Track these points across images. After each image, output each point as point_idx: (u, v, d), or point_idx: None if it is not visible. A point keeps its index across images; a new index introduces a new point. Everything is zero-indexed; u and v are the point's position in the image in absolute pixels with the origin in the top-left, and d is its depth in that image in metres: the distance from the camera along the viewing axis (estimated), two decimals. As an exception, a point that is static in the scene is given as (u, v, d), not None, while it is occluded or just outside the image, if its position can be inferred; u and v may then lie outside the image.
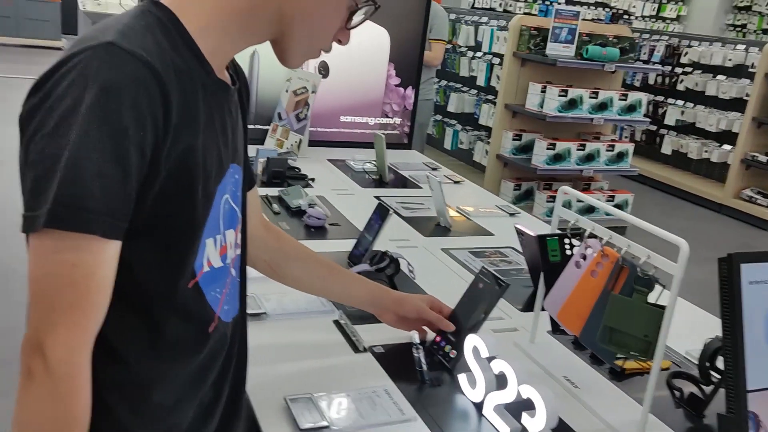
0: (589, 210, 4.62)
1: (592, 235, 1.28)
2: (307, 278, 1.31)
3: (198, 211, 0.86)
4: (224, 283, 0.96)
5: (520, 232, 1.73)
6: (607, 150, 5.33)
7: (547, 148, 5.10)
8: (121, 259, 0.78)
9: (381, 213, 1.80)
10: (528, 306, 1.69)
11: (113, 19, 0.83)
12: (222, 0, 0.88)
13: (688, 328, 1.55)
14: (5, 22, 10.69)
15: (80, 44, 0.77)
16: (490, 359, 1.22)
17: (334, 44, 0.97)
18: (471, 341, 1.25)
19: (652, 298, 1.17)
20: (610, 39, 5.28)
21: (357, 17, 0.96)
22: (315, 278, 1.31)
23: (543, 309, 1.42)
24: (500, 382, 1.19)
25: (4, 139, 5.67)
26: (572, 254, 1.33)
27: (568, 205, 1.43)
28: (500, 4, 12.22)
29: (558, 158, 5.17)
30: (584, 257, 1.29)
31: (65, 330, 0.74)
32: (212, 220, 0.89)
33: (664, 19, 13.22)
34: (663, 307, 1.13)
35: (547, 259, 1.39)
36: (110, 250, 0.76)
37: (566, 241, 1.37)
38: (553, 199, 5.25)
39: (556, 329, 1.42)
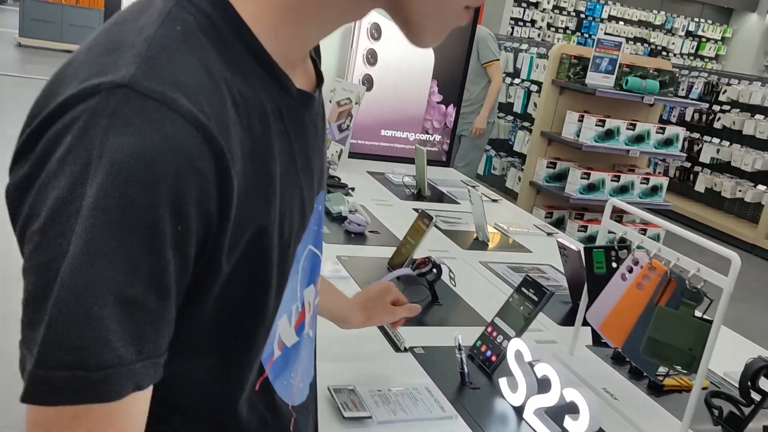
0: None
1: (639, 248, 1.30)
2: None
3: (270, 304, 0.61)
4: (298, 357, 0.72)
5: (562, 246, 1.75)
6: (642, 183, 5.32)
7: (582, 178, 5.10)
8: (170, 383, 0.53)
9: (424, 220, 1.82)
10: (566, 321, 1.70)
11: (130, 16, 0.55)
12: None
13: (726, 352, 1.55)
14: (49, 27, 11.02)
15: (85, 74, 0.50)
16: (532, 364, 1.23)
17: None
18: (514, 345, 1.26)
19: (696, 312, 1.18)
20: (651, 71, 5.29)
21: None
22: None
23: (584, 323, 1.43)
24: (541, 386, 1.20)
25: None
26: (618, 267, 1.35)
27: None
28: (538, 35, 12.31)
29: (592, 188, 5.17)
30: (631, 270, 1.30)
31: None
32: (288, 294, 0.65)
33: (702, 57, 13.19)
34: (710, 321, 1.14)
35: (591, 270, 1.40)
36: (140, 402, 0.50)
37: (612, 253, 1.38)
38: (584, 228, 5.24)
39: (596, 342, 1.43)
